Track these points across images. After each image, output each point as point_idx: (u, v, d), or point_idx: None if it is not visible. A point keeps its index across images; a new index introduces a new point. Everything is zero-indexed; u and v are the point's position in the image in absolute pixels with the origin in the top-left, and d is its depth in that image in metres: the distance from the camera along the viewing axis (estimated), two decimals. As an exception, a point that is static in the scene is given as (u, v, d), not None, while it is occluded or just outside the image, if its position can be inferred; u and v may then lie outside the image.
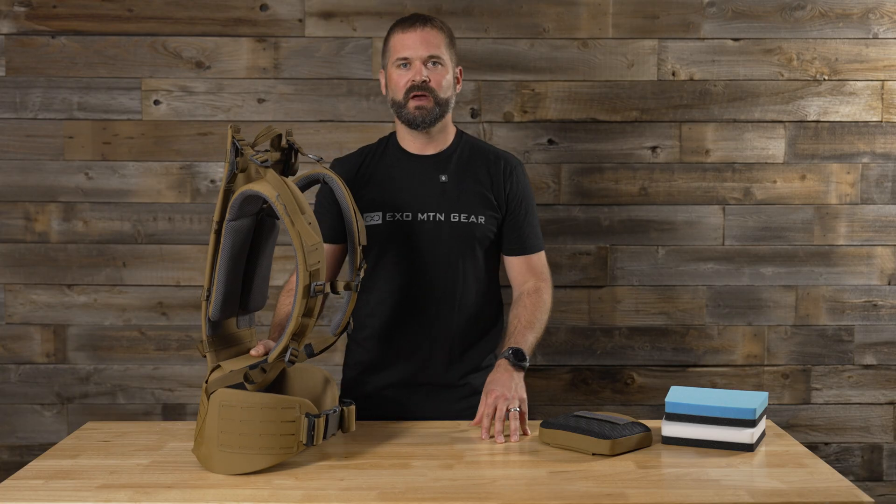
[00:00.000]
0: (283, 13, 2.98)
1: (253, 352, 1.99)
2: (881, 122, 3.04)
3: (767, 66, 3.02)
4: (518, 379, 2.14)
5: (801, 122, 3.04)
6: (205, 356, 1.96)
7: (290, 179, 2.05)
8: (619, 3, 3.00)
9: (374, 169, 2.38)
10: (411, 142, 2.37)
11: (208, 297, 1.94)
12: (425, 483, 1.78)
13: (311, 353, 2.07)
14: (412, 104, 2.28)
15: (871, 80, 3.03)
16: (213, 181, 3.01)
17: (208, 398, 1.88)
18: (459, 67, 2.40)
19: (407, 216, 2.32)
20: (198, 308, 3.03)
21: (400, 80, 2.30)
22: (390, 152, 2.40)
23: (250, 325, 2.06)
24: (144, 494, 1.72)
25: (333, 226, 2.30)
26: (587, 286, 3.05)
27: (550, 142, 3.03)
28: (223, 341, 1.99)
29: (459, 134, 2.43)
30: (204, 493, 1.73)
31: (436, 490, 1.74)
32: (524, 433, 2.07)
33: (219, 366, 1.94)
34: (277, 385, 2.05)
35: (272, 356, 1.91)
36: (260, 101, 3.00)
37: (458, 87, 2.39)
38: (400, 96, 2.30)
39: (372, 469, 1.86)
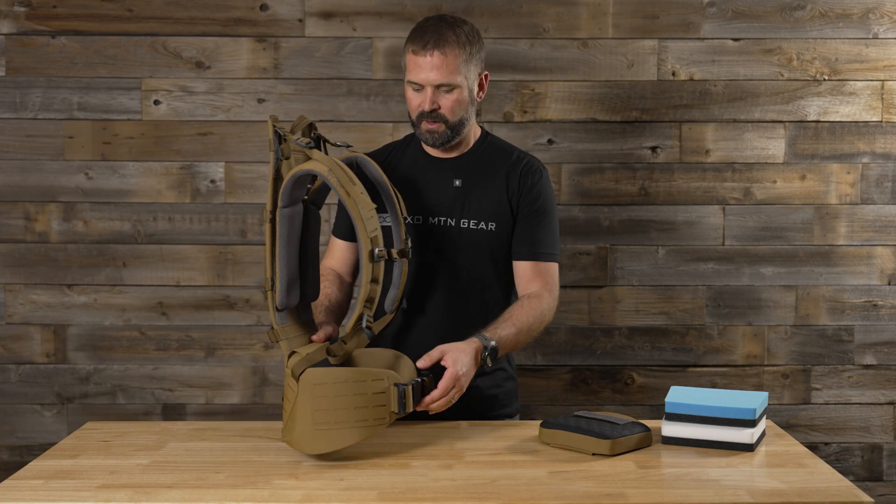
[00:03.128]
0: (283, 13, 2.98)
1: (314, 337, 2.05)
2: (881, 122, 3.04)
3: (767, 66, 3.02)
4: (473, 369, 2.09)
5: (801, 122, 3.04)
6: (277, 342, 2.02)
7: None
8: (619, 3, 3.00)
9: (393, 169, 2.35)
10: None
11: (273, 286, 2.01)
12: (425, 483, 1.78)
13: (371, 336, 2.09)
14: (424, 127, 2.26)
15: (871, 80, 3.03)
16: (213, 181, 3.01)
17: (297, 381, 1.92)
18: (485, 73, 2.31)
19: (418, 220, 2.30)
20: (198, 308, 3.03)
21: (413, 101, 2.27)
22: (410, 153, 2.38)
23: (309, 314, 2.12)
24: (144, 494, 1.72)
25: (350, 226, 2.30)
26: (587, 286, 3.05)
27: (550, 142, 3.03)
28: (290, 329, 2.05)
29: (484, 135, 2.38)
30: (204, 493, 1.73)
31: (436, 490, 1.74)
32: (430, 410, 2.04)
33: (295, 352, 2.00)
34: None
35: (349, 325, 2.00)
36: (260, 101, 3.00)
37: (482, 95, 2.32)
38: (414, 117, 2.28)
39: (372, 469, 1.86)
